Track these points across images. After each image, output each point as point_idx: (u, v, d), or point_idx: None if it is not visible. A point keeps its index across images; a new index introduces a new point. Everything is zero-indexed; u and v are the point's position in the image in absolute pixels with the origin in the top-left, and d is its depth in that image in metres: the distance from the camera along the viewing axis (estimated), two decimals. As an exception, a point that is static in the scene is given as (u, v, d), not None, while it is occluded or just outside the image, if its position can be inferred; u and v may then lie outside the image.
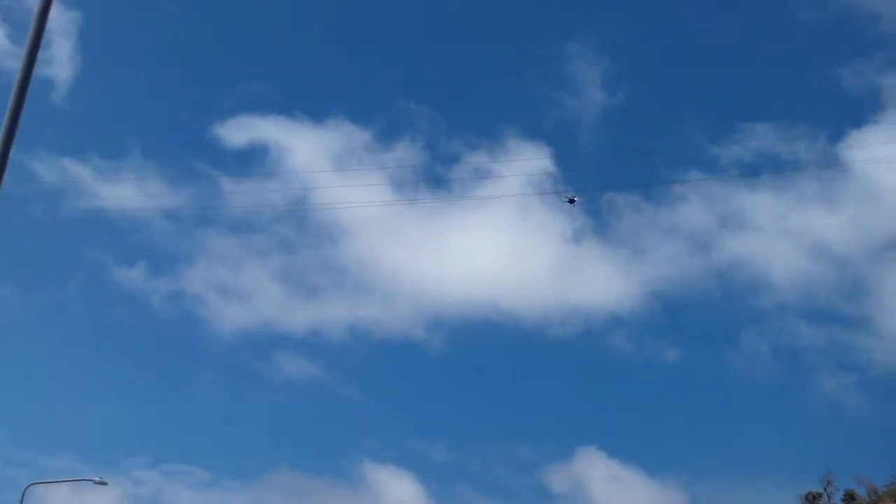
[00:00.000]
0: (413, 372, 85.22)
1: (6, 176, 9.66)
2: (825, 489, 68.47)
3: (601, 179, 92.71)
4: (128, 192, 79.62)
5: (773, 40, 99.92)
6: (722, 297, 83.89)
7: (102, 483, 36.03)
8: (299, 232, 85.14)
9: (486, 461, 77.26)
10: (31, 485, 35.37)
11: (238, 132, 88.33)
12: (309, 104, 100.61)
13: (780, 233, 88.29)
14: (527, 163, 77.72)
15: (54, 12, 10.02)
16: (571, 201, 62.48)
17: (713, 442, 79.61)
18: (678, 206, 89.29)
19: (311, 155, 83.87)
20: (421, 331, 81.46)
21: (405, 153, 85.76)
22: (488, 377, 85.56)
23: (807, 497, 69.02)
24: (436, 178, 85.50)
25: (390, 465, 72.72)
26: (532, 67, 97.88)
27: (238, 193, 76.15)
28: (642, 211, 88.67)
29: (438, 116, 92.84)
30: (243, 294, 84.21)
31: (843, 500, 68.64)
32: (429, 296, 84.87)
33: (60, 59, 71.51)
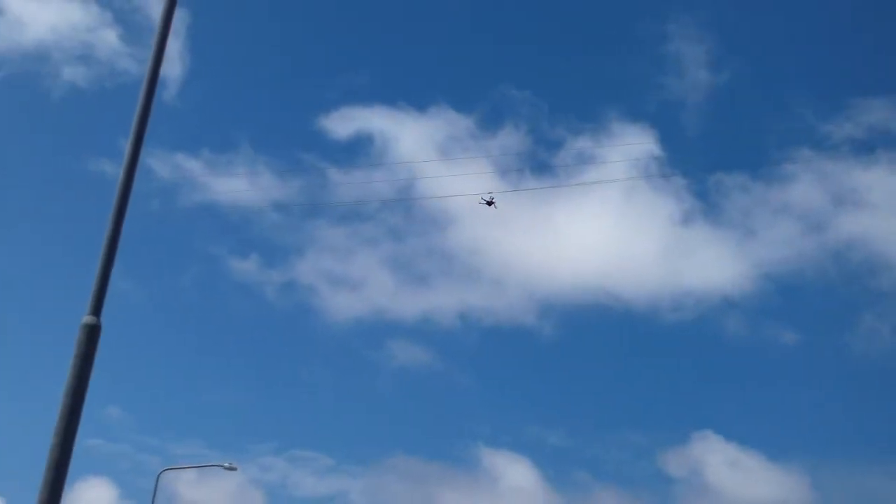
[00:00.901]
0: (525, 358, 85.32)
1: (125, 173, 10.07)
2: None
3: (708, 160, 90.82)
4: (239, 185, 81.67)
5: (886, 12, 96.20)
6: (838, 277, 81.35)
7: (232, 468, 37.26)
8: (407, 220, 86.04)
9: (602, 446, 76.85)
10: (165, 470, 36.77)
11: (343, 123, 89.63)
12: (411, 93, 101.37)
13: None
14: (631, 146, 76.49)
15: (160, 8, 10.37)
16: (489, 203, 60.36)
17: (836, 425, 77.52)
18: (789, 185, 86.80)
19: (416, 143, 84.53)
20: (531, 316, 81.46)
21: (509, 139, 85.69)
22: (601, 362, 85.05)
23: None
24: (540, 163, 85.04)
25: (506, 451, 72.99)
26: (633, 48, 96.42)
27: (345, 184, 77.27)
28: (752, 191, 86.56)
29: (540, 101, 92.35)
30: (354, 283, 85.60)
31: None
32: (538, 282, 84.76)
33: (171, 57, 73.55)
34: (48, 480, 8.68)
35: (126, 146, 9.90)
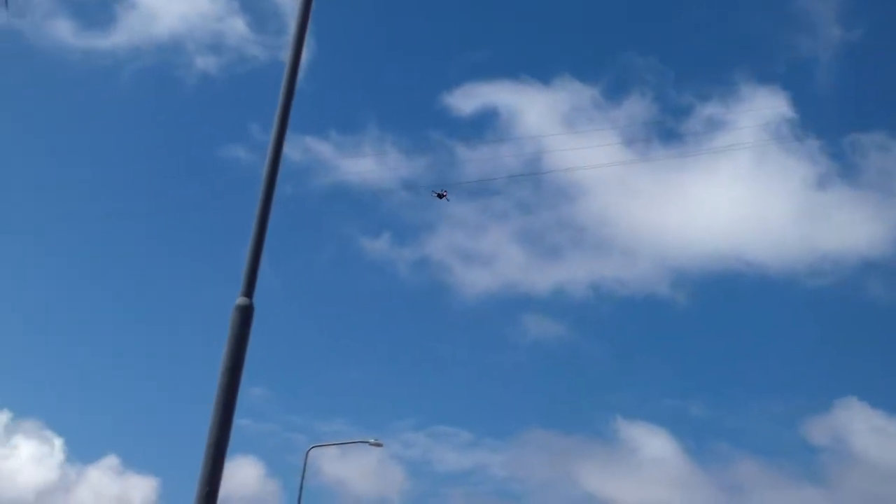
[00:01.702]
0: (659, 328, 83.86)
1: (259, 160, 10.30)
2: None
3: (843, 120, 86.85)
4: (368, 166, 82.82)
5: None
6: None
7: (378, 444, 38.00)
8: (535, 193, 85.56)
9: (742, 416, 74.98)
10: (313, 447, 37.77)
11: (467, 100, 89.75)
12: (534, 66, 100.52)
13: None
14: (762, 109, 73.88)
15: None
16: (441, 195, 58.66)
17: None
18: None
19: (541, 116, 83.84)
20: (664, 286, 79.93)
21: (635, 108, 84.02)
22: (737, 331, 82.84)
23: None
24: (668, 131, 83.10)
25: (643, 422, 72.06)
26: (760, 7, 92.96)
27: (472, 160, 77.41)
28: (891, 150, 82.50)
29: (666, 68, 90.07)
30: (485, 258, 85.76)
31: None
32: (671, 251, 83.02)
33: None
34: (209, 458, 8.97)
35: (266, 131, 10.09)
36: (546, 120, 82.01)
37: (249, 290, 9.43)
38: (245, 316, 9.32)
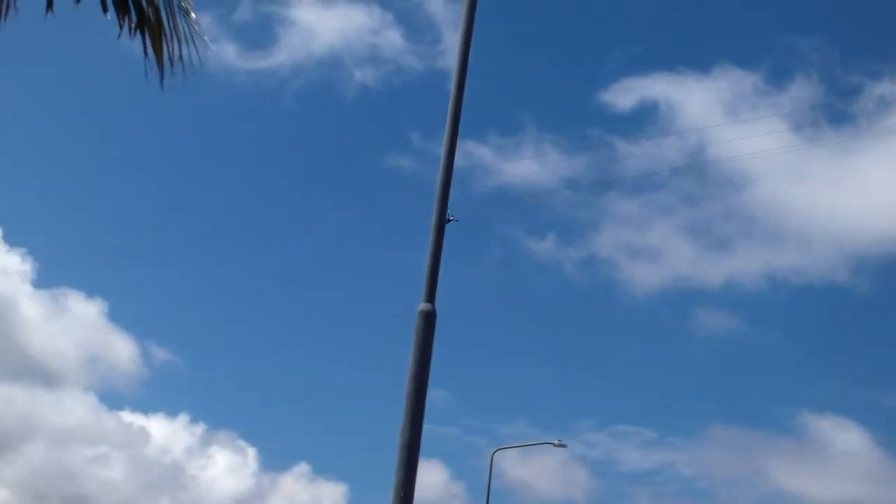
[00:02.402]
0: (840, 316, 79.77)
1: (421, 167, 10.41)
2: None
3: None
4: (529, 167, 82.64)
5: None
6: None
7: (562, 445, 37.74)
8: (701, 185, 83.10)
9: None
10: (497, 450, 37.96)
11: (625, 95, 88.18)
12: (691, 56, 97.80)
13: None
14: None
15: (438, 5, 10.53)
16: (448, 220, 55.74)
17: None
18: None
19: (702, 106, 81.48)
20: (843, 273, 76.01)
21: (800, 91, 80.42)
22: (927, 316, 78.10)
23: None
24: (837, 113, 79.11)
25: (831, 415, 68.76)
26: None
27: (634, 155, 76.06)
28: None
29: (831, 47, 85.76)
30: (653, 253, 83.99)
31: None
32: (848, 236, 78.94)
33: (453, 50, 75.92)
34: (402, 462, 9.14)
35: (426, 139, 10.24)
36: (707, 110, 79.77)
37: (431, 296, 9.56)
38: (428, 321, 9.46)
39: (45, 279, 78.69)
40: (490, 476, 35.97)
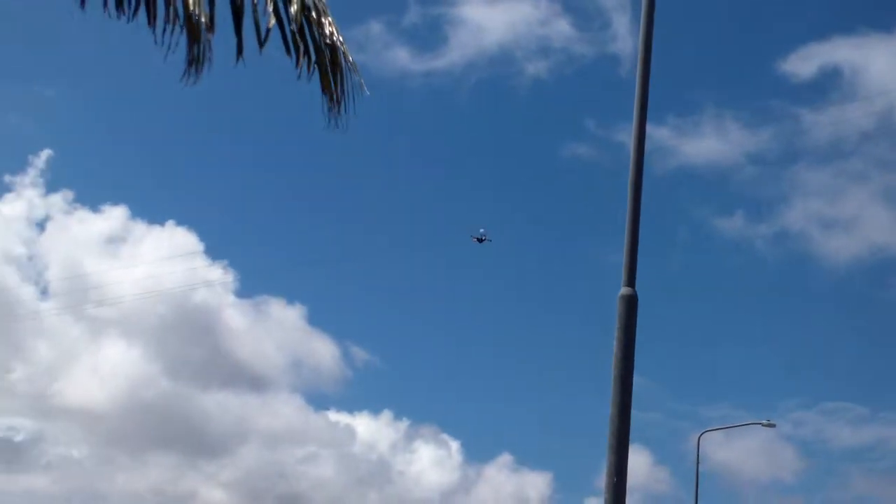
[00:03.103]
0: None
1: (599, 154, 10.27)
2: None
3: None
4: (710, 145, 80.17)
5: None
6: None
7: (770, 425, 36.64)
8: (894, 149, 78.49)
9: None
10: (705, 432, 37.30)
11: (805, 63, 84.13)
12: (871, 16, 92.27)
13: None
14: None
15: None
16: (480, 240, 53.30)
17: None
18: None
19: (888, 67, 76.71)
20: None
21: None
22: None
23: None
24: None
25: None
26: None
27: (820, 124, 72.43)
28: None
29: None
30: (847, 223, 79.87)
31: None
32: None
33: (622, 35, 74.39)
34: (612, 448, 9.15)
35: (602, 126, 10.19)
36: (894, 70, 75.18)
37: (631, 280, 9.53)
38: (630, 305, 9.43)
39: (247, 288, 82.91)
40: (698, 459, 35.37)
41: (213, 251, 73.37)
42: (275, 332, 69.00)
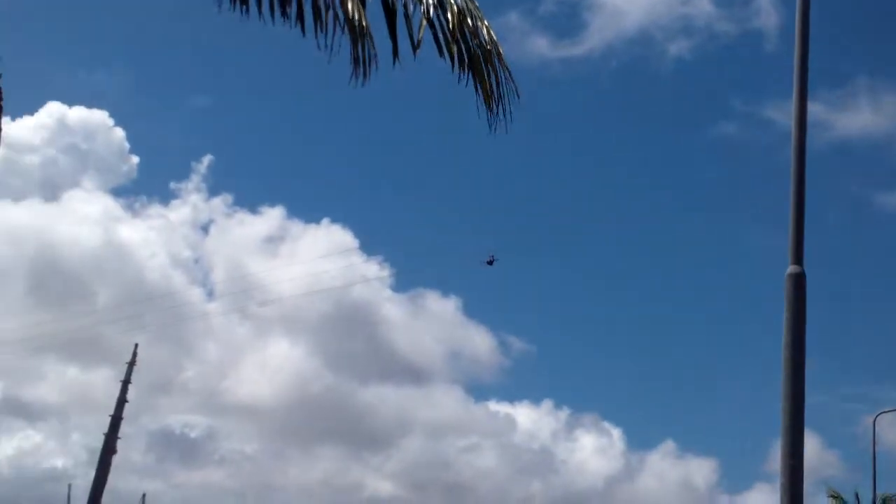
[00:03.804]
0: None
1: (747, 132, 10.00)
2: None
3: None
4: (865, 118, 76.37)
5: None
6: None
7: (952, 404, 35.03)
8: None
9: None
10: (881, 413, 35.74)
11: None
12: None
13: None
14: None
15: None
16: (490, 262, 55.31)
17: None
18: None
19: None
20: None
21: None
22: None
23: None
24: None
25: None
26: None
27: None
28: None
29: None
30: None
31: None
32: None
33: (765, 9, 71.75)
34: (787, 431, 8.96)
35: (748, 103, 9.93)
36: None
37: (798, 257, 9.30)
38: (798, 284, 9.21)
39: (403, 283, 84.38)
40: (874, 441, 33.95)
41: (369, 247, 75.01)
42: (432, 324, 70.09)
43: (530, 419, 63.49)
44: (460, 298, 67.45)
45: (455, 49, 6.53)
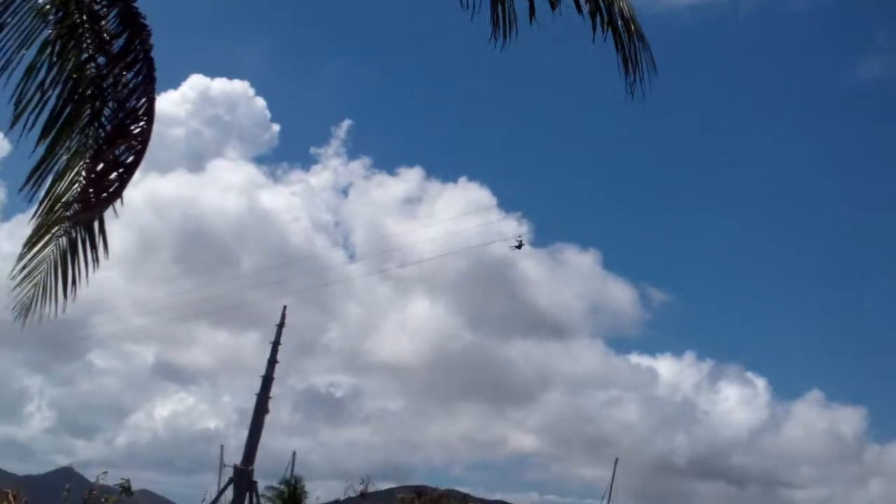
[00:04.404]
0: None
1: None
2: None
3: None
4: None
5: None
6: None
7: None
8: None
9: None
10: None
11: None
12: None
13: None
14: None
15: None
16: (519, 246, 58.37)
17: None
18: None
19: None
20: None
21: None
22: None
23: None
24: None
25: None
26: None
27: None
28: None
29: None
30: None
31: None
32: None
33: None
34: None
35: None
36: None
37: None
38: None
39: (541, 238, 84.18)
40: None
41: (506, 204, 75.13)
42: (571, 278, 69.89)
43: (672, 371, 62.88)
44: (599, 251, 67.05)
45: (594, 7, 6.42)
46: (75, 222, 7.35)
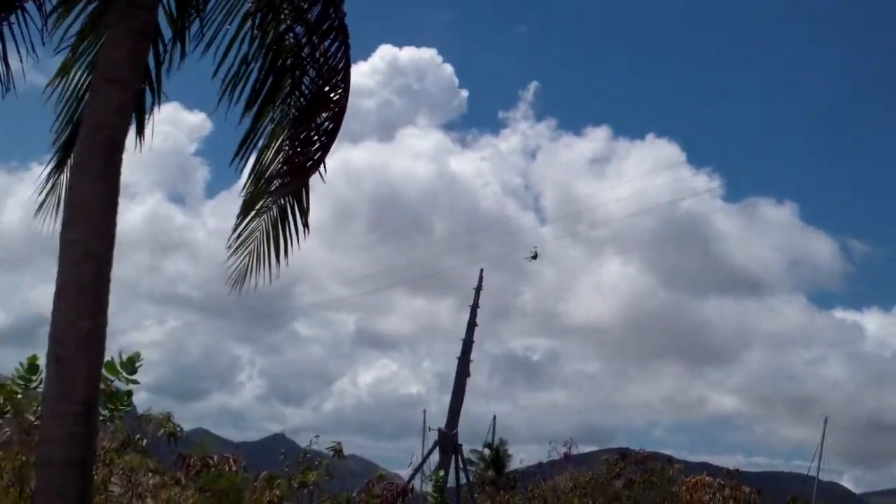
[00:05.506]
0: None
1: None
2: None
3: None
4: None
5: None
6: None
7: None
8: None
9: None
10: None
11: None
12: None
13: None
14: None
15: None
16: (534, 257, 58.40)
17: None
18: None
19: None
20: None
21: None
22: None
23: None
24: None
25: None
26: None
27: None
28: None
29: None
30: None
31: None
32: None
33: None
34: None
35: None
36: None
37: None
38: None
39: (734, 192, 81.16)
40: None
41: (697, 159, 72.86)
42: (767, 233, 67.14)
43: (880, 326, 59.46)
44: (796, 203, 64.02)
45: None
46: (283, 192, 7.55)
